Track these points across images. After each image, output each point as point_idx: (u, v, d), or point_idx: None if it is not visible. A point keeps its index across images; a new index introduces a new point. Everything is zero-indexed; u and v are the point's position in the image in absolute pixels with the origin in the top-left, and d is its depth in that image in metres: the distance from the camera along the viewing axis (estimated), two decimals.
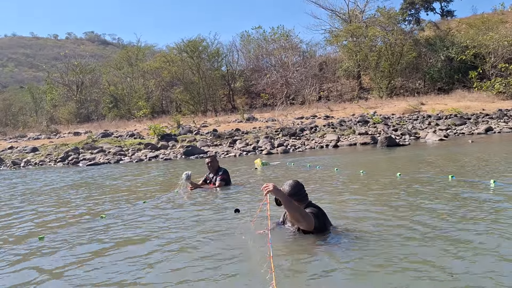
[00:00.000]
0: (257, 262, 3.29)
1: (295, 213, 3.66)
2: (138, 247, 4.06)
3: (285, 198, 3.64)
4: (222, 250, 3.68)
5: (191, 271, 3.24)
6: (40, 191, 9.15)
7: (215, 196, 7.02)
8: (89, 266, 3.55)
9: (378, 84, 37.57)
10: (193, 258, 3.56)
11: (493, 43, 33.35)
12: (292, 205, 3.66)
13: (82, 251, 4.07)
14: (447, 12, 55.46)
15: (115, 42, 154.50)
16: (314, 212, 3.81)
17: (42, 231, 5.06)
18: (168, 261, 3.54)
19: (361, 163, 10.92)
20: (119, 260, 3.65)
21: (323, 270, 3.03)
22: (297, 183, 4.05)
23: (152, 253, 3.80)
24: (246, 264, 3.34)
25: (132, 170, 13.31)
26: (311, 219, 3.69)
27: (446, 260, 3.09)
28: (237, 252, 3.58)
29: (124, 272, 3.34)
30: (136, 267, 3.44)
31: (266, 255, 3.01)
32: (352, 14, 41.92)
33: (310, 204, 3.98)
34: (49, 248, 4.25)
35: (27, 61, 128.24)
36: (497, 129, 19.57)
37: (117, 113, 40.18)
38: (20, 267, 3.70)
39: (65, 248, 4.21)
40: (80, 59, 48.22)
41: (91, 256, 3.86)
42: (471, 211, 4.59)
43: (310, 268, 3.11)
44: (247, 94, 42.93)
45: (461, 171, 7.83)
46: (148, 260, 3.60)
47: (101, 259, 3.75)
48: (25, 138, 28.49)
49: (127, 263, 3.56)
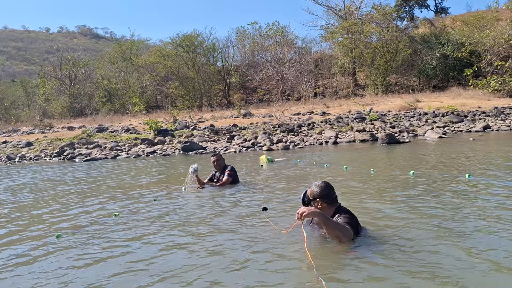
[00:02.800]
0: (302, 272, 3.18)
1: (334, 231, 3.51)
2: (151, 248, 3.94)
3: (323, 218, 3.48)
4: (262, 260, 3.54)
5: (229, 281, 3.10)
6: (46, 187, 8.97)
7: (229, 197, 6.72)
8: (107, 263, 3.43)
9: (373, 81, 37.61)
10: (231, 268, 3.37)
11: (489, 41, 33.46)
12: (331, 223, 3.50)
13: (97, 249, 3.94)
14: (441, 9, 55.79)
15: (108, 36, 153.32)
16: (349, 221, 3.66)
17: (56, 229, 4.92)
18: (205, 268, 3.42)
19: (367, 161, 10.85)
20: (132, 262, 3.53)
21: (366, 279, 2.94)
22: (327, 185, 3.90)
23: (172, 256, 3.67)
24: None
25: (133, 166, 13.13)
26: (350, 233, 3.55)
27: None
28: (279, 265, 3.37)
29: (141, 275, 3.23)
30: (161, 269, 3.33)
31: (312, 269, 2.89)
32: (347, 10, 41.88)
33: (341, 209, 3.84)
34: (65, 247, 4.11)
35: (18, 54, 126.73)
36: (495, 127, 19.63)
37: (111, 108, 39.82)
38: (39, 264, 3.57)
39: (79, 247, 4.08)
40: (73, 53, 47.68)
41: (109, 254, 3.74)
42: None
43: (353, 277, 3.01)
44: (242, 89, 42.78)
45: (477, 170, 7.79)
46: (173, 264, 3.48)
47: (114, 259, 3.62)
48: (18, 133, 28.04)
49: (140, 265, 3.44)
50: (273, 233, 4.13)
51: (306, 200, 3.85)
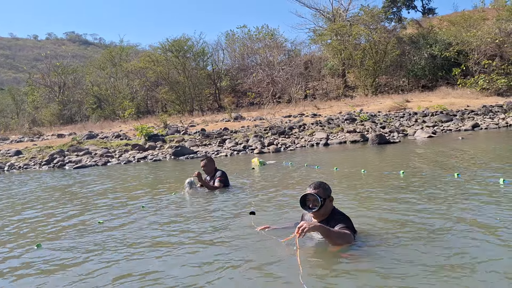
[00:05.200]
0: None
1: (337, 241, 3.47)
2: (140, 260, 3.90)
3: (324, 230, 3.44)
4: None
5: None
6: (29, 197, 8.86)
7: (218, 202, 6.63)
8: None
9: (363, 82, 37.83)
10: (215, 274, 3.35)
11: (476, 40, 33.83)
12: (333, 234, 3.46)
13: (79, 258, 3.89)
14: (429, 9, 56.29)
15: (97, 42, 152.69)
16: (347, 224, 3.64)
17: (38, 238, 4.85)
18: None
19: (358, 162, 10.89)
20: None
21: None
22: (323, 183, 3.89)
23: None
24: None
25: (122, 172, 13.03)
26: (351, 238, 3.53)
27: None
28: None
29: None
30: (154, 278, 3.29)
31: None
32: (336, 12, 42.08)
33: (336, 211, 3.84)
34: (44, 257, 4.05)
35: (6, 62, 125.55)
36: (484, 125, 19.82)
37: (101, 114, 39.62)
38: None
39: (60, 255, 4.02)
40: (62, 60, 47.38)
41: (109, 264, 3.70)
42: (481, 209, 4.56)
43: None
44: (233, 93, 42.76)
45: (465, 167, 7.84)
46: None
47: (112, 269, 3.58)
48: (7, 141, 27.75)
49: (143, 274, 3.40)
50: (256, 236, 4.12)
51: (321, 200, 3.68)
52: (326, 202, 3.74)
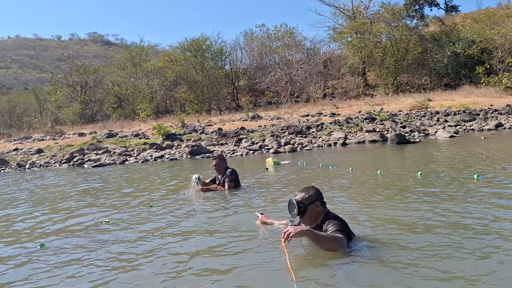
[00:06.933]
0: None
1: (327, 244, 3.34)
2: (146, 260, 3.84)
3: (312, 234, 3.33)
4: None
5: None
6: (53, 196, 8.96)
7: (227, 202, 6.59)
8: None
9: (383, 81, 37.26)
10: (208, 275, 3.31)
11: (500, 38, 32.95)
12: (322, 238, 3.34)
13: (84, 257, 3.85)
14: (451, 7, 55.08)
15: (118, 43, 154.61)
16: (339, 227, 3.47)
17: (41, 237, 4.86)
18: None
19: (375, 162, 10.65)
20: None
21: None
22: (316, 188, 3.79)
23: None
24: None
25: (139, 171, 13.10)
26: (344, 241, 3.37)
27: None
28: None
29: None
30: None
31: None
32: (356, 10, 41.56)
33: (330, 215, 3.67)
34: (47, 256, 4.03)
35: (31, 62, 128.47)
36: (507, 125, 19.22)
37: (122, 113, 40.09)
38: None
39: (64, 255, 4.00)
40: (84, 60, 48.16)
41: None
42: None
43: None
44: (251, 92, 42.68)
45: (486, 169, 7.56)
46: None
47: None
48: (30, 140, 28.36)
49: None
50: (257, 240, 4.06)
51: (302, 206, 3.60)
52: (310, 208, 3.62)
